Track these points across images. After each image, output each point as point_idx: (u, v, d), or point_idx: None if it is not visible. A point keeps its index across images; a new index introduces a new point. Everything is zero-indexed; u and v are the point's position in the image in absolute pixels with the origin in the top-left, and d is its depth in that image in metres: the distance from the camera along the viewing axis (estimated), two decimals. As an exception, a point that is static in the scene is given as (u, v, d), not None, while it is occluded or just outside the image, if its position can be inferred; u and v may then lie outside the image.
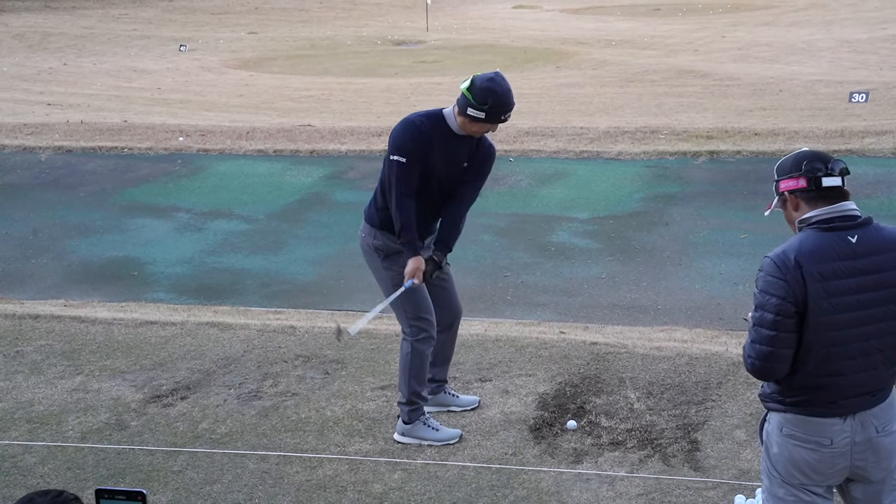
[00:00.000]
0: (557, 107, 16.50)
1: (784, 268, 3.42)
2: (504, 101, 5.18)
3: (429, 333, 5.56)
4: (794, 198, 3.56)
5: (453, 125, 5.29)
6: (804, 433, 3.55)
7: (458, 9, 36.40)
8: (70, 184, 12.19)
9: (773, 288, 3.43)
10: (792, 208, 3.59)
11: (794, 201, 3.57)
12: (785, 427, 3.59)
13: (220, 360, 6.74)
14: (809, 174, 3.52)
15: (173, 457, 5.50)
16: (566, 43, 25.79)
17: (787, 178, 3.57)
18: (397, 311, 5.57)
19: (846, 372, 3.48)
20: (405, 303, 5.48)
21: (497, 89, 5.16)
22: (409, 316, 5.52)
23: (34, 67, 23.79)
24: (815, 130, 12.37)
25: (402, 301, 5.46)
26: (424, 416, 5.63)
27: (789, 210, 3.60)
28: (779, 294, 3.42)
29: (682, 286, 8.39)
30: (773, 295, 3.43)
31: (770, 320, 3.43)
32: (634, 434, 5.52)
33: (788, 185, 3.56)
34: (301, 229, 10.40)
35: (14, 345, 7.13)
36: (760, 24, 28.80)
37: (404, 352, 5.58)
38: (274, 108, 17.38)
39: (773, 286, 3.43)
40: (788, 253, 3.44)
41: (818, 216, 3.50)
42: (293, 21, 34.42)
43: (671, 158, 11.80)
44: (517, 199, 10.94)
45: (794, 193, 3.56)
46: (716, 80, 18.88)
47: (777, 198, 3.64)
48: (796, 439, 3.57)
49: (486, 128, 5.26)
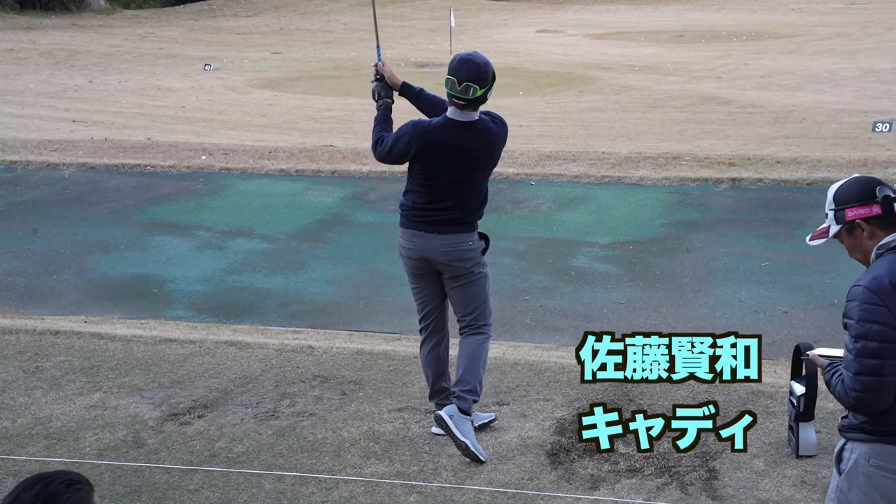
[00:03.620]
0: (579, 131, 16.49)
1: (882, 293, 3.38)
2: (464, 63, 5.36)
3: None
4: (868, 225, 3.52)
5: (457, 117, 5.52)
6: (894, 464, 3.50)
7: (481, 32, 36.47)
8: (93, 201, 12.26)
9: (874, 315, 3.38)
10: (866, 236, 3.54)
11: (869, 229, 3.53)
12: (873, 458, 3.52)
13: (238, 379, 6.74)
14: (884, 201, 3.50)
15: (189, 475, 5.50)
16: (589, 68, 25.80)
17: (856, 205, 3.52)
18: (486, 302, 5.73)
19: None
20: (489, 293, 5.74)
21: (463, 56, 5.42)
22: (489, 307, 5.76)
23: (60, 84, 23.98)
24: (839, 159, 12.30)
25: (487, 291, 5.73)
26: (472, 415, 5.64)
27: (860, 238, 3.55)
28: (881, 320, 3.37)
29: (702, 313, 8.35)
30: (875, 322, 3.38)
31: (874, 349, 3.38)
32: (652, 461, 5.48)
33: (860, 213, 3.52)
34: (321, 249, 10.42)
35: (34, 360, 7.15)
36: (784, 52, 28.73)
37: (481, 344, 5.70)
38: (296, 129, 17.45)
39: (874, 313, 3.38)
40: (882, 278, 3.40)
41: None
42: (317, 42, 34.58)
43: (693, 185, 11.77)
44: (537, 223, 10.93)
45: (868, 221, 3.52)
46: (738, 108, 18.83)
47: (839, 227, 3.57)
48: (885, 470, 3.50)
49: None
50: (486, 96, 5.44)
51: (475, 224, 5.69)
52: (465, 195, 5.61)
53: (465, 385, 5.61)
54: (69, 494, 2.66)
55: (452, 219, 5.60)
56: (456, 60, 5.40)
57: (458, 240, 5.59)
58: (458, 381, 5.66)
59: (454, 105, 5.46)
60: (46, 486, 2.66)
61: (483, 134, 5.55)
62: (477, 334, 5.72)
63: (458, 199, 5.60)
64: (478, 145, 5.54)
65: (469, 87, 5.33)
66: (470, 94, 5.35)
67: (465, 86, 5.33)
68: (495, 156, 5.68)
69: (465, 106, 5.43)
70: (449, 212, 5.59)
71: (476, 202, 5.68)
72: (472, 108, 5.47)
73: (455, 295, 5.74)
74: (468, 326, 5.76)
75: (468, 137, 5.50)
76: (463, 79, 5.33)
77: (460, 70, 5.35)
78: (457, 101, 5.42)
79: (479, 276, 5.69)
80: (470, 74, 5.34)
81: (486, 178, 5.72)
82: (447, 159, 5.51)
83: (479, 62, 5.39)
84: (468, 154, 5.52)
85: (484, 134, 5.55)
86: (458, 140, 5.48)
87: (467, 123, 5.50)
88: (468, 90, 5.34)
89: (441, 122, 5.53)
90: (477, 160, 5.58)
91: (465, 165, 5.55)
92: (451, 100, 5.45)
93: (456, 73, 5.36)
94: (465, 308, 5.75)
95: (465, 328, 5.77)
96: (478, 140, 5.53)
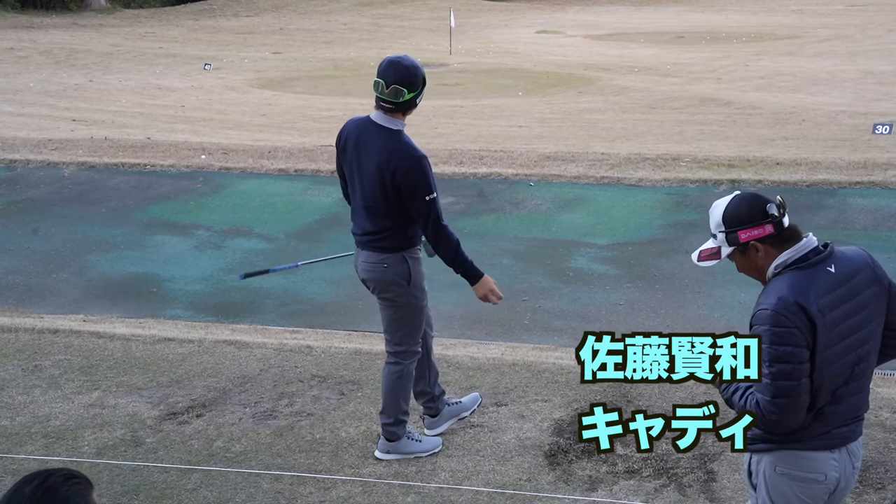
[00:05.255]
0: (579, 132, 16.49)
1: (789, 314, 3.35)
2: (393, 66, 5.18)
3: (419, 353, 5.62)
4: (762, 245, 3.48)
5: None
6: (800, 470, 3.50)
7: (481, 33, 36.49)
8: (92, 199, 12.26)
9: (786, 338, 3.35)
10: (761, 255, 3.50)
11: (763, 248, 3.49)
12: (779, 466, 3.52)
13: (237, 379, 6.74)
14: (774, 219, 3.45)
15: (187, 475, 5.50)
16: (589, 68, 25.80)
17: (748, 227, 3.47)
18: (400, 329, 5.50)
19: (844, 396, 3.47)
20: (413, 323, 5.48)
21: (392, 59, 5.24)
22: (412, 337, 5.52)
23: (60, 83, 23.98)
24: (838, 161, 12.31)
25: (411, 321, 5.46)
26: (407, 430, 5.64)
27: (754, 258, 3.52)
28: (793, 342, 3.34)
29: (701, 314, 8.36)
30: (787, 344, 3.34)
31: (788, 371, 3.35)
32: (650, 463, 5.48)
33: (753, 234, 3.47)
34: (321, 249, 10.40)
35: (33, 359, 7.15)
36: (784, 53, 28.74)
37: (394, 374, 5.54)
38: (296, 128, 17.45)
39: (785, 336, 3.35)
40: (786, 298, 3.37)
41: (794, 256, 3.46)
42: (317, 42, 34.59)
43: (692, 186, 11.77)
44: (536, 224, 10.92)
45: (762, 241, 3.48)
46: (738, 109, 18.84)
47: (731, 248, 3.53)
48: (791, 478, 3.51)
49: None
50: (416, 101, 5.24)
51: (399, 247, 5.35)
52: (373, 212, 5.31)
53: (387, 418, 5.61)
54: (67, 487, 2.74)
55: (368, 239, 5.40)
56: (385, 63, 5.20)
57: (374, 259, 5.37)
58: (382, 410, 5.66)
59: (380, 108, 5.24)
60: (45, 479, 2.74)
61: (386, 148, 5.20)
62: (392, 363, 5.57)
63: (369, 216, 5.34)
64: (376, 155, 5.22)
65: (397, 91, 5.13)
66: (398, 97, 5.15)
67: (393, 88, 5.13)
68: (385, 178, 5.19)
69: (391, 110, 5.21)
70: (367, 229, 5.38)
71: (387, 224, 5.31)
72: (400, 115, 5.25)
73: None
74: (387, 352, 5.65)
75: (374, 142, 5.24)
76: (391, 81, 5.13)
77: (388, 72, 5.14)
78: (384, 105, 5.20)
79: (393, 303, 5.45)
80: (398, 77, 5.13)
81: (385, 199, 5.24)
82: (350, 155, 5.34)
83: (409, 65, 5.19)
84: (367, 157, 5.26)
85: (387, 149, 5.20)
86: (365, 139, 5.27)
87: (382, 128, 5.25)
88: (397, 94, 5.14)
89: (362, 118, 5.38)
90: (371, 169, 5.24)
91: (364, 170, 5.28)
92: (378, 103, 5.24)
93: (384, 75, 5.14)
94: (383, 329, 5.64)
95: (387, 352, 5.66)
96: (379, 150, 5.22)
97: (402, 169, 5.14)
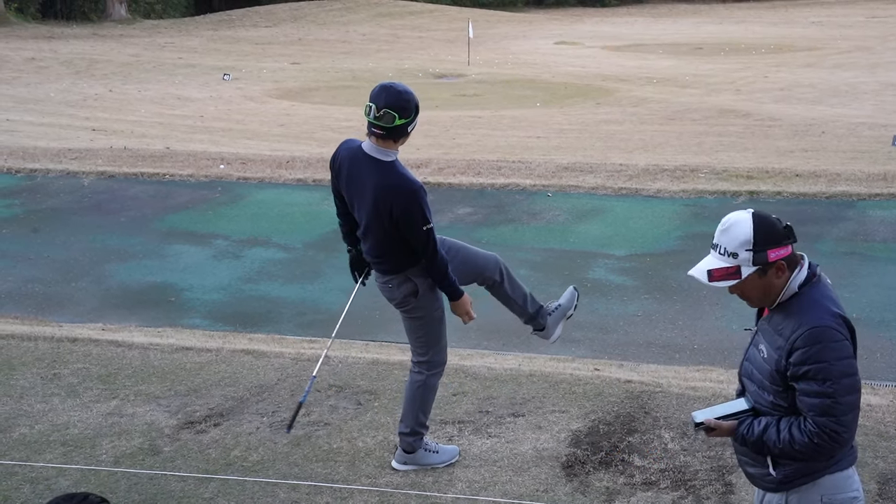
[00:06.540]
0: (597, 143, 16.49)
1: (839, 327, 3.32)
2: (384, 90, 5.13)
3: (443, 368, 5.65)
4: (783, 264, 3.38)
5: None
6: (845, 491, 3.41)
7: (499, 43, 36.55)
8: (111, 209, 12.33)
9: (845, 351, 3.30)
10: (779, 276, 3.39)
11: (783, 267, 3.38)
12: (825, 495, 3.41)
13: (254, 388, 6.76)
14: (794, 240, 3.40)
15: (205, 483, 5.51)
16: (607, 79, 25.81)
17: (779, 247, 3.36)
18: (420, 339, 5.55)
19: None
20: (432, 334, 5.51)
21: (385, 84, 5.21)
22: (433, 346, 5.54)
23: (80, 93, 24.15)
24: (858, 173, 12.26)
25: (429, 331, 5.50)
26: (424, 441, 5.64)
27: (772, 278, 3.39)
28: (850, 354, 3.32)
29: (719, 326, 8.32)
30: (847, 357, 3.30)
31: (850, 384, 3.29)
32: (668, 474, 5.46)
33: (780, 254, 3.36)
34: (338, 259, 10.40)
35: (52, 367, 7.18)
36: (804, 65, 28.68)
37: (416, 384, 5.56)
38: (314, 138, 17.50)
39: (844, 350, 3.31)
40: (832, 311, 3.33)
41: (808, 272, 3.42)
42: (336, 53, 34.72)
43: (710, 197, 11.74)
44: (554, 235, 10.92)
45: (785, 261, 3.38)
46: (757, 120, 18.80)
47: (755, 268, 3.37)
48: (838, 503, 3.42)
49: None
50: (408, 130, 5.15)
51: (401, 268, 5.36)
52: (373, 240, 5.36)
53: (405, 427, 5.62)
54: None
55: (373, 261, 5.50)
56: (377, 87, 5.15)
57: (381, 279, 5.48)
58: (401, 419, 5.68)
59: (372, 135, 5.17)
60: (84, 499, 2.88)
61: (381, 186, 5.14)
62: (415, 373, 5.61)
63: (370, 242, 5.39)
64: (372, 192, 5.18)
65: (388, 115, 5.03)
66: (389, 122, 5.06)
67: (384, 112, 5.04)
68: (382, 215, 5.16)
69: (383, 137, 5.11)
70: (370, 253, 5.46)
71: (387, 249, 5.34)
72: (391, 143, 5.15)
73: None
74: (412, 361, 5.69)
75: (368, 177, 5.19)
76: (382, 105, 5.04)
77: (380, 97, 5.05)
78: (375, 131, 5.11)
79: (410, 315, 5.49)
80: (389, 101, 5.04)
81: (384, 231, 5.24)
82: (345, 182, 5.35)
83: (401, 90, 5.12)
84: (363, 191, 5.24)
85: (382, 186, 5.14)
86: (358, 171, 5.24)
87: (375, 161, 5.17)
88: (387, 118, 5.05)
89: (354, 145, 5.33)
90: (369, 206, 5.22)
91: (362, 203, 5.26)
92: (369, 129, 5.17)
93: (375, 99, 5.06)
94: (408, 340, 5.69)
95: (412, 362, 5.70)
96: (374, 187, 5.16)
97: (399, 206, 5.11)
